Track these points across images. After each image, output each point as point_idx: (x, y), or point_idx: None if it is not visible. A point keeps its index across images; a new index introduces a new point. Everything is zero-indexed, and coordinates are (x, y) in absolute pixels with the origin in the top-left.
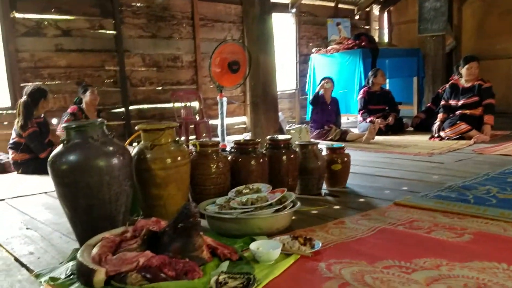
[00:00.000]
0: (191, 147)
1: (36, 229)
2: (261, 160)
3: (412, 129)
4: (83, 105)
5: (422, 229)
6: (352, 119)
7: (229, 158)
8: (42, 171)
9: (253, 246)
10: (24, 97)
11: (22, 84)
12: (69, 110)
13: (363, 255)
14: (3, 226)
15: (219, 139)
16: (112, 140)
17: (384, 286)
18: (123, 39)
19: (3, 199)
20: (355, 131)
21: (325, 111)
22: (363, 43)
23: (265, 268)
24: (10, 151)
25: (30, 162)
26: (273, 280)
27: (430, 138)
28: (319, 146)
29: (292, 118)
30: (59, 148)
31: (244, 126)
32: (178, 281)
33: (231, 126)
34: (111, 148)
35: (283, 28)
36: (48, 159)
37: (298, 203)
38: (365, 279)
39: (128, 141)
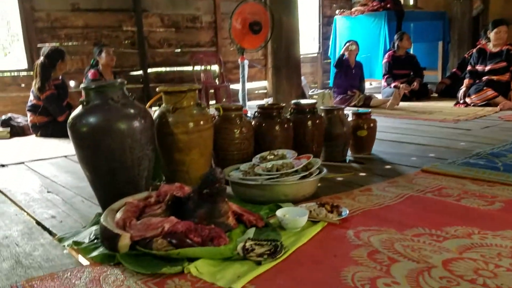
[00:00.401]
0: (212, 111)
1: (57, 192)
2: (285, 125)
3: (436, 95)
4: (100, 67)
5: (451, 197)
6: (375, 85)
7: (253, 123)
8: (61, 134)
9: (279, 213)
10: (41, 58)
11: (39, 45)
12: (90, 76)
13: (392, 222)
14: (24, 189)
15: (240, 104)
16: (133, 102)
17: (415, 254)
18: None
19: (23, 162)
20: (379, 96)
21: (348, 75)
22: (388, 5)
23: (292, 235)
24: (29, 114)
25: (49, 125)
26: (301, 247)
27: (456, 104)
28: (345, 111)
29: (314, 83)
30: (78, 109)
31: (265, 91)
32: (204, 247)
33: (251, 91)
34: (132, 111)
35: None
36: (68, 121)
37: (324, 170)
38: (395, 247)
39: (148, 104)
